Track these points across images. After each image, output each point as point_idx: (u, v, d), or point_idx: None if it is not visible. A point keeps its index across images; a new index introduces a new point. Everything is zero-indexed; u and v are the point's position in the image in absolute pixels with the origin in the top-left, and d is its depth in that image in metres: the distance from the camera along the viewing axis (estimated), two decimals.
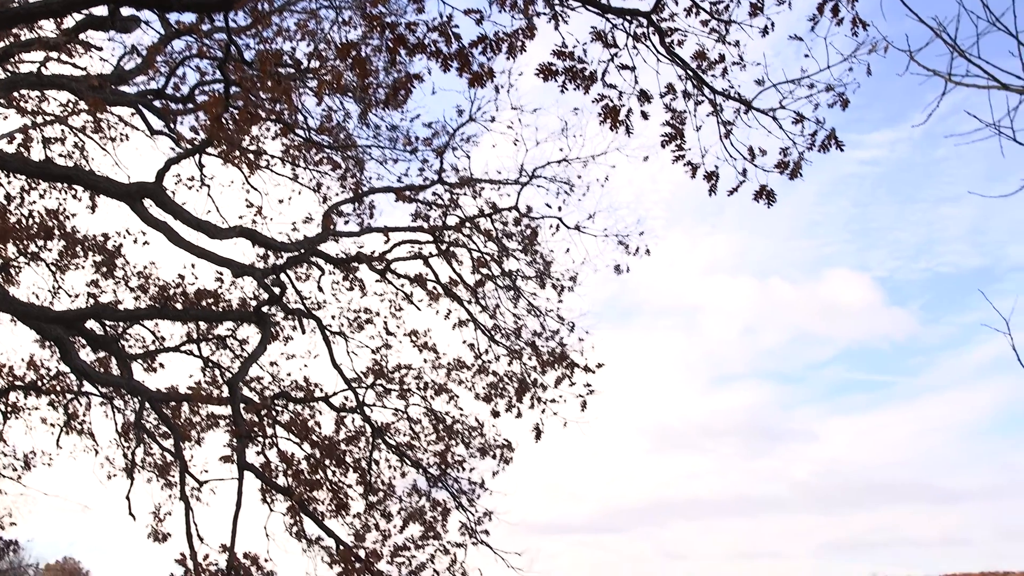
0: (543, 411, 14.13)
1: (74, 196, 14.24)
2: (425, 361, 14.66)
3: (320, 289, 14.55)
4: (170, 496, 14.66)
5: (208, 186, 14.32)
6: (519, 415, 14.26)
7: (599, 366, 14.08)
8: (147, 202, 12.36)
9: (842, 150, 8.57)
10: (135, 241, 14.51)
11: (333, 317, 14.82)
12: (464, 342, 14.60)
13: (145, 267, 14.71)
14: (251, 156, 14.06)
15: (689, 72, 8.85)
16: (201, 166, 14.20)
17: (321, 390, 14.50)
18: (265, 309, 13.58)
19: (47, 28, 11.92)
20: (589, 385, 13.98)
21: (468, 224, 14.06)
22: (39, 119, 13.71)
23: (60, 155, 14.08)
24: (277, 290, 13.42)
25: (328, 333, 14.53)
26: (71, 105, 13.47)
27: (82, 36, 12.25)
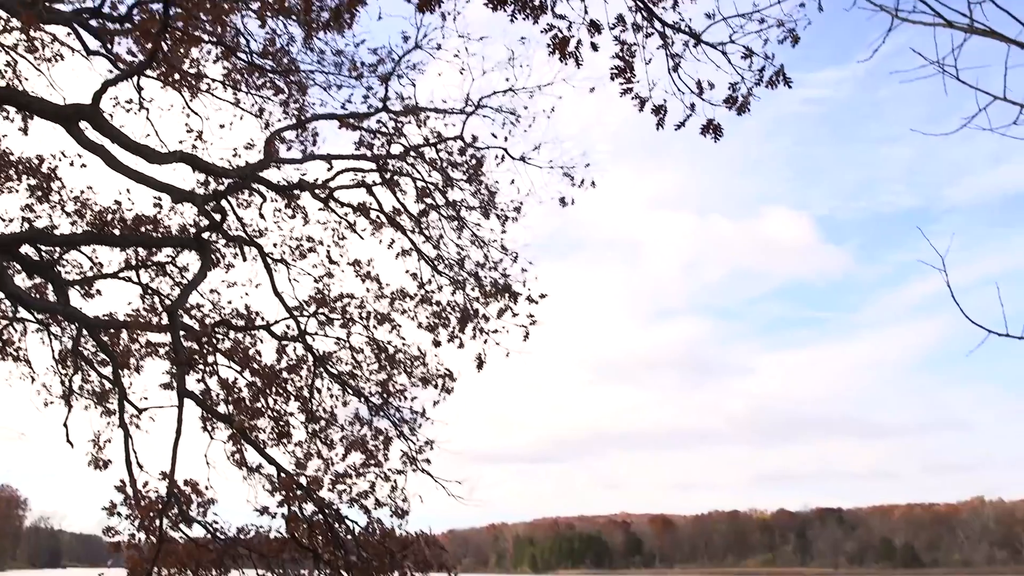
0: (485, 341, 14.22)
1: (6, 117, 13.84)
2: (368, 290, 14.64)
3: (262, 216, 14.41)
4: (109, 423, 14.56)
5: (147, 110, 14.01)
6: (461, 345, 14.33)
7: (542, 297, 14.16)
8: (83, 125, 12.06)
9: (789, 87, 8.62)
10: (71, 164, 14.18)
11: (275, 245, 14.71)
12: (407, 272, 14.59)
13: (82, 192, 14.41)
14: (191, 80, 13.77)
15: (639, 3, 8.80)
16: (139, 89, 13.88)
17: (262, 318, 14.43)
18: (205, 236, 13.42)
19: None
20: (532, 316, 14.07)
21: (412, 153, 13.96)
22: None
23: None
24: (218, 217, 13.26)
25: (270, 261, 14.42)
26: (3, 22, 13.03)
27: None
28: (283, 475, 12.69)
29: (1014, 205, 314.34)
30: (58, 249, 14.05)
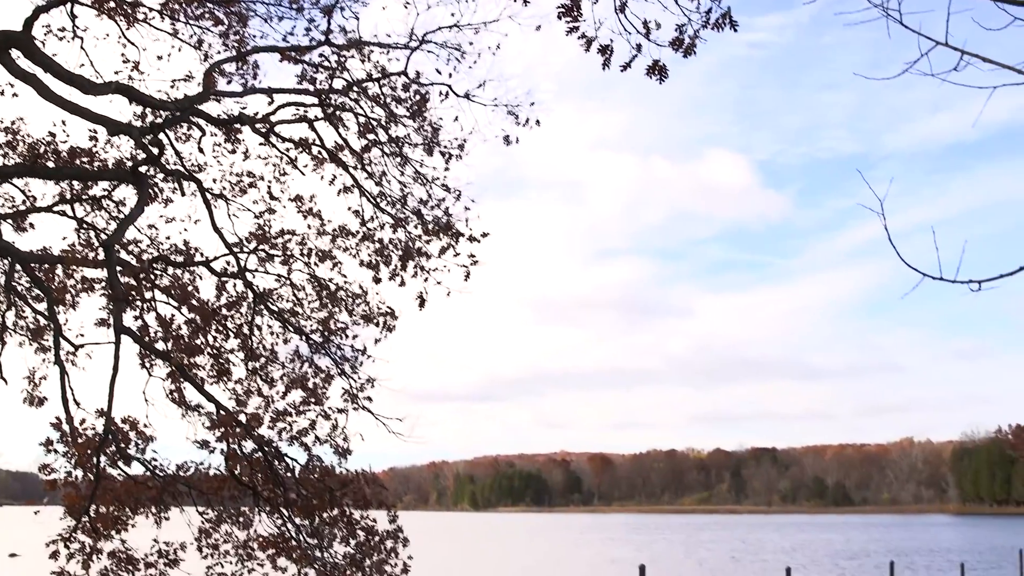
0: (427, 280, 14.17)
1: None
2: (309, 227, 14.48)
3: (201, 151, 14.13)
4: (44, 360, 14.32)
5: (81, 39, 13.60)
6: (403, 283, 14.27)
7: (484, 236, 14.10)
8: (14, 53, 11.72)
9: (735, 30, 8.59)
10: (1, 94, 13.77)
11: (214, 180, 14.45)
12: (349, 209, 14.43)
13: (13, 122, 14.00)
14: (127, 8, 13.41)
15: None
16: (73, 16, 13.46)
17: (202, 254, 14.23)
18: (143, 169, 13.16)
19: None
20: (473, 255, 14.03)
21: (355, 88, 13.75)
22: None
23: None
24: (155, 150, 12.99)
25: (209, 196, 14.19)
26: None
27: None
28: (222, 413, 12.63)
29: (951, 153, 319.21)
30: None
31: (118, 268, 12.28)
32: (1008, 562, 49.82)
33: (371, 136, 14.01)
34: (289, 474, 13.07)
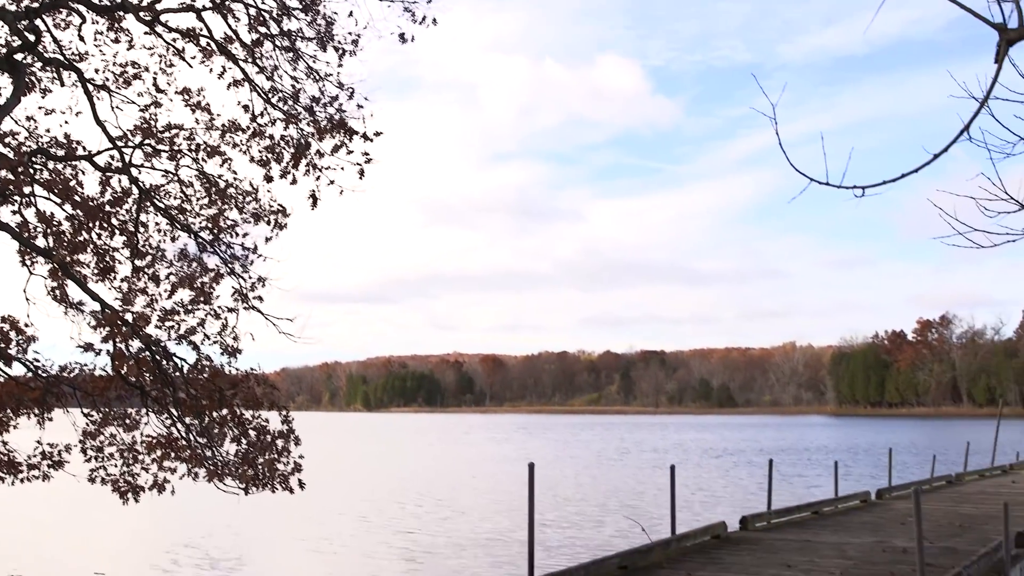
0: (319, 178, 13.91)
1: None
2: (198, 121, 14.02)
3: (81, 39, 13.50)
4: None
5: None
6: (295, 181, 13.99)
7: (378, 135, 13.87)
8: None
9: None
10: None
11: (96, 71, 13.84)
12: (239, 104, 14.00)
13: None
14: None
15: None
16: None
17: (84, 148, 13.69)
18: (18, 57, 12.53)
19: None
20: (367, 154, 13.80)
21: None
22: None
23: None
24: (32, 37, 12.36)
25: (91, 87, 13.61)
26: None
27: None
28: (107, 311, 12.31)
29: (842, 66, 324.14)
30: None
31: None
32: (879, 460, 52.22)
33: (262, 29, 13.56)
34: (177, 374, 12.87)
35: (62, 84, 13.58)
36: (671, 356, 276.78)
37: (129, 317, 12.39)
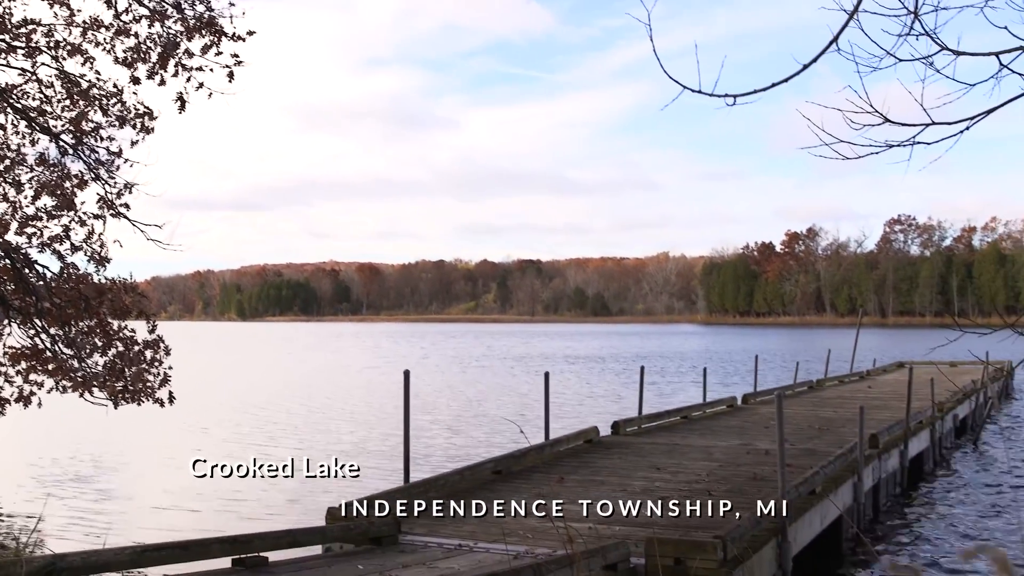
0: (188, 80, 13.45)
1: None
2: (56, 16, 13.34)
3: None
4: None
5: None
6: (163, 82, 13.49)
7: (250, 34, 13.44)
8: None
9: None
10: None
11: None
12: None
13: None
14: None
15: None
16: None
17: None
18: None
19: None
20: (237, 56, 13.37)
21: None
22: None
23: None
24: None
25: None
26: None
27: None
28: None
29: None
30: None
31: None
32: (746, 367, 53.96)
33: None
34: (41, 282, 12.44)
35: None
36: (547, 265, 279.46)
37: None
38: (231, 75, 13.30)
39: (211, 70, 13.37)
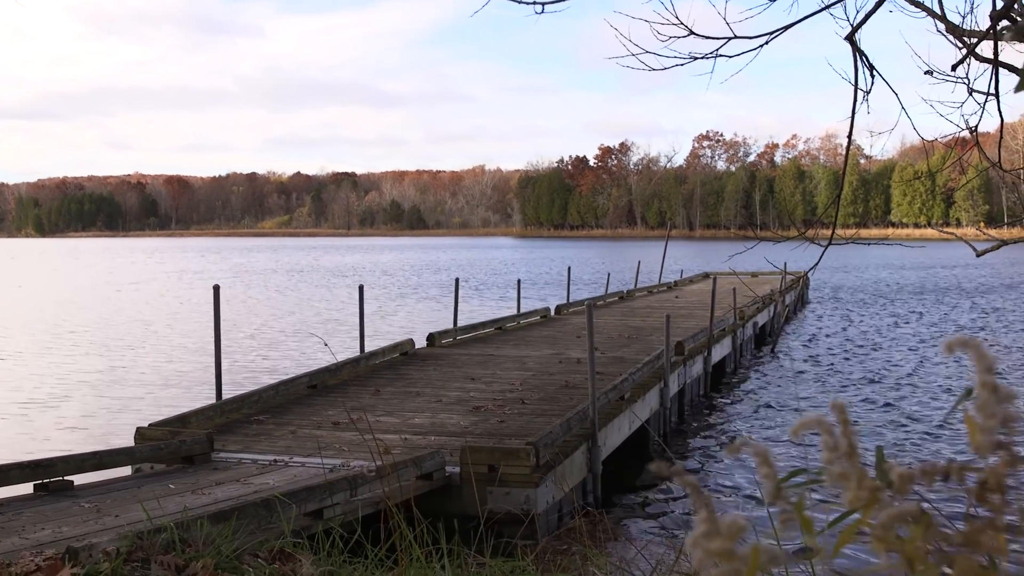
0: None
1: None
2: None
3: None
4: None
5: None
6: None
7: None
8: None
9: None
10: None
11: None
12: None
13: None
14: None
15: None
16: None
17: None
18: None
19: None
20: None
21: None
22: None
23: None
24: None
25: None
26: None
27: None
28: None
29: None
30: None
31: None
32: (560, 278, 55.00)
33: None
34: None
35: None
36: (363, 178, 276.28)
37: None
38: None
39: None
